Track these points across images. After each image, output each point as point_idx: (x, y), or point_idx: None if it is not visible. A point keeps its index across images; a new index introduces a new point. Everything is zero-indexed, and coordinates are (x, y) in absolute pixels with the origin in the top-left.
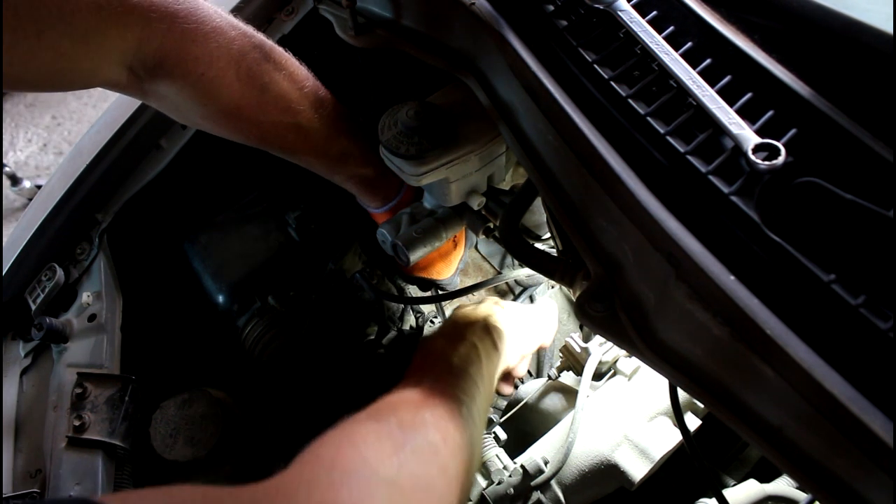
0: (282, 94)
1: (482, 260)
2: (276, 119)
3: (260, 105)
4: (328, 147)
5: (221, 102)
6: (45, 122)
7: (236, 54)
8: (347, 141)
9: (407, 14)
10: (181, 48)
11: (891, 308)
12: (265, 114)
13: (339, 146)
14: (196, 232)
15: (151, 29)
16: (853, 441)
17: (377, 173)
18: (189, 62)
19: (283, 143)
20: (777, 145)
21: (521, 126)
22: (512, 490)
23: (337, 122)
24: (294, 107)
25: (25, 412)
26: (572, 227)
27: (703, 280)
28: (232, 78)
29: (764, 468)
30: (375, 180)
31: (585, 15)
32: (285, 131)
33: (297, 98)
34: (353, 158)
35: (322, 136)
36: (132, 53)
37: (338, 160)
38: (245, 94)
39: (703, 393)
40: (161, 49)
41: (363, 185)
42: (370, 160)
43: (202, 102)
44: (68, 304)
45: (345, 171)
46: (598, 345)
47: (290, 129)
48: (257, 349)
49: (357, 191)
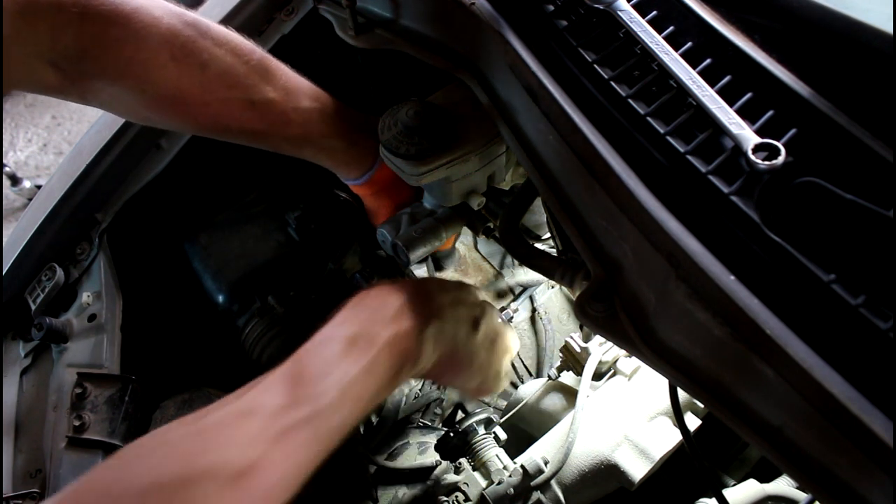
0: (226, 71)
1: (482, 260)
2: (223, 97)
3: (203, 85)
4: (287, 121)
5: (160, 88)
6: (45, 122)
7: (167, 33)
8: (308, 112)
9: (407, 14)
10: (102, 33)
11: (891, 308)
12: (211, 93)
13: (299, 118)
14: (196, 232)
15: (64, 14)
16: (853, 441)
17: (348, 143)
18: (113, 47)
19: (238, 125)
20: (777, 145)
21: (521, 126)
22: (512, 490)
23: (293, 93)
24: (242, 82)
25: (25, 412)
26: (572, 227)
27: (703, 280)
28: (166, 59)
29: (764, 468)
30: (348, 151)
31: (585, 15)
32: (237, 110)
33: (244, 73)
34: (317, 130)
35: (278, 110)
36: (48, 46)
37: (301, 135)
38: (184, 74)
39: (703, 393)
40: (80, 36)
41: (335, 157)
42: (338, 130)
43: (139, 90)
44: (68, 304)
45: (311, 145)
46: (598, 345)
47: (243, 107)
48: (257, 349)
49: (330, 164)
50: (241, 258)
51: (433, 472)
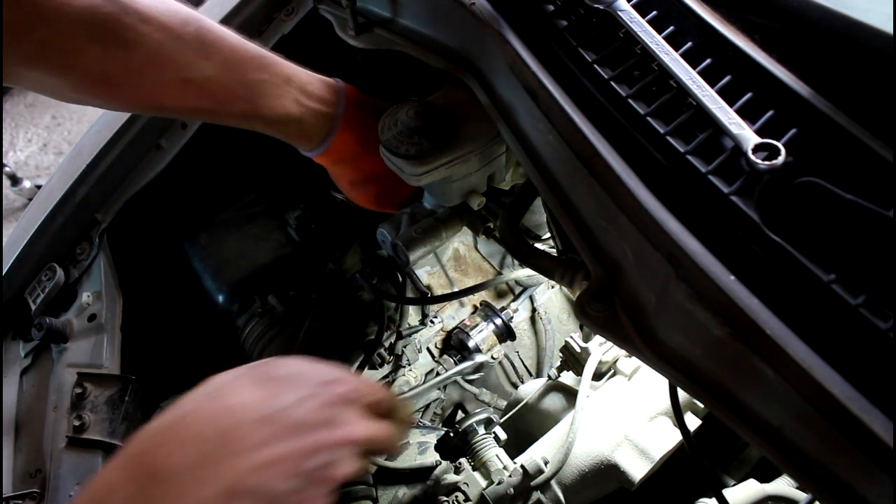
0: (155, 49)
1: (482, 260)
2: (154, 78)
3: (130, 66)
4: (229, 98)
5: (82, 71)
6: (45, 122)
7: (83, 12)
8: (254, 86)
9: (407, 14)
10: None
11: (891, 308)
12: (140, 74)
13: (244, 93)
14: (196, 232)
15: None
16: (853, 441)
17: (298, 115)
18: (23, 31)
19: (174, 104)
20: (777, 145)
21: (521, 126)
22: (512, 490)
23: (235, 66)
24: (175, 60)
25: (25, 412)
26: (572, 226)
27: (703, 280)
28: (84, 40)
29: (764, 468)
30: (299, 123)
31: (585, 15)
32: (171, 90)
33: (176, 49)
34: (264, 105)
35: (219, 86)
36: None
37: (247, 111)
38: (107, 56)
39: (703, 393)
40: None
41: (285, 130)
42: (287, 102)
43: (59, 74)
44: (68, 304)
45: (258, 119)
46: (598, 345)
47: (177, 86)
48: (257, 349)
49: (282, 137)
50: (241, 258)
51: (433, 472)
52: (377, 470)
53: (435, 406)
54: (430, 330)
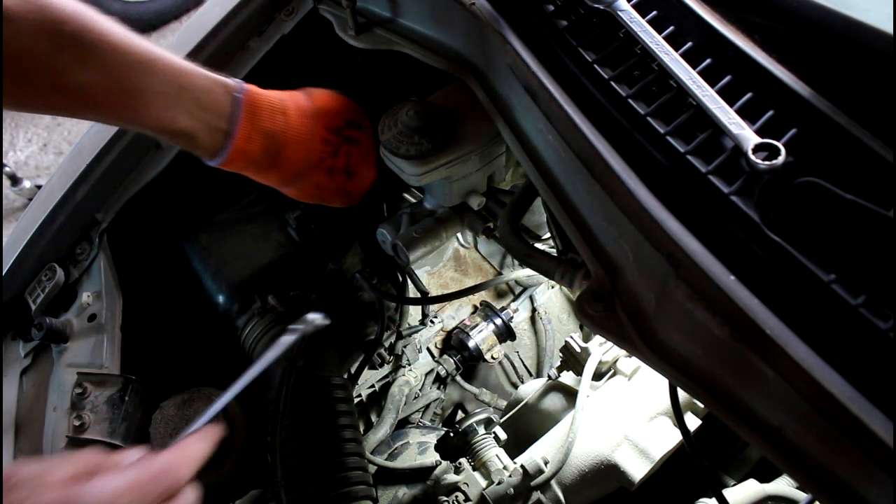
0: (20, 53)
1: (482, 260)
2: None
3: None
4: (112, 107)
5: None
6: (45, 122)
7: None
8: (137, 96)
9: (407, 14)
10: None
11: (891, 308)
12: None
13: (127, 102)
14: (196, 232)
15: None
16: (853, 441)
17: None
18: None
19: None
20: (777, 145)
21: (521, 126)
22: (512, 490)
23: (116, 73)
24: (46, 65)
25: (25, 412)
26: (572, 226)
27: (703, 280)
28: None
29: (764, 468)
30: (191, 136)
31: (585, 15)
32: (45, 97)
33: (47, 52)
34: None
35: (96, 94)
36: None
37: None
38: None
39: (703, 393)
40: None
41: (178, 142)
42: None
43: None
44: (68, 304)
45: (146, 129)
46: (598, 345)
47: (49, 92)
48: (257, 349)
49: (182, 145)
50: (241, 258)
51: (433, 472)
52: (377, 470)
53: (435, 406)
54: (430, 330)
